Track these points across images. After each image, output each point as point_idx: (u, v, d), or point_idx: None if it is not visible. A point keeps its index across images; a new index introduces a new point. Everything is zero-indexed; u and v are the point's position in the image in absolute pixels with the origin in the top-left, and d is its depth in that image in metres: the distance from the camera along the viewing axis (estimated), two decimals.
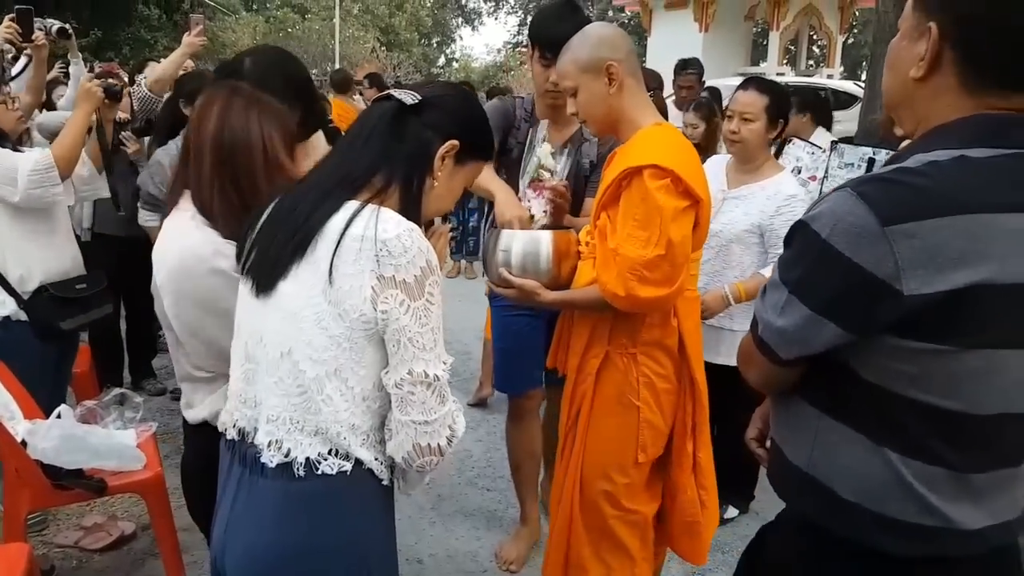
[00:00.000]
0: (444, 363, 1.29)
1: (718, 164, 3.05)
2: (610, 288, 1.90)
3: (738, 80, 7.53)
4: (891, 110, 1.23)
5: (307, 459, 1.27)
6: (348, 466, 1.29)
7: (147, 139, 3.82)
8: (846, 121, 8.81)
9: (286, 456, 1.28)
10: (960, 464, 1.11)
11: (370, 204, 1.28)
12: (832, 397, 1.18)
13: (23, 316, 2.69)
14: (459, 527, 3.14)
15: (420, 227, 1.31)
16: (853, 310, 1.08)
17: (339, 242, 1.23)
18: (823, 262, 1.08)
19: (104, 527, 2.91)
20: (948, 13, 1.07)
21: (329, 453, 1.29)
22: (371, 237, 1.22)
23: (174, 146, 3.01)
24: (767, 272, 2.69)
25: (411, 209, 1.34)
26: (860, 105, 7.85)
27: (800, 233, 1.13)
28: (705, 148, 4.07)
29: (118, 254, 3.82)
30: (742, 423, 1.55)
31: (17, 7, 3.43)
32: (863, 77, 14.99)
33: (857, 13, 17.22)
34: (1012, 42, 1.05)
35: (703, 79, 5.81)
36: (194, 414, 1.70)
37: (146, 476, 2.40)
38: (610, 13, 35.03)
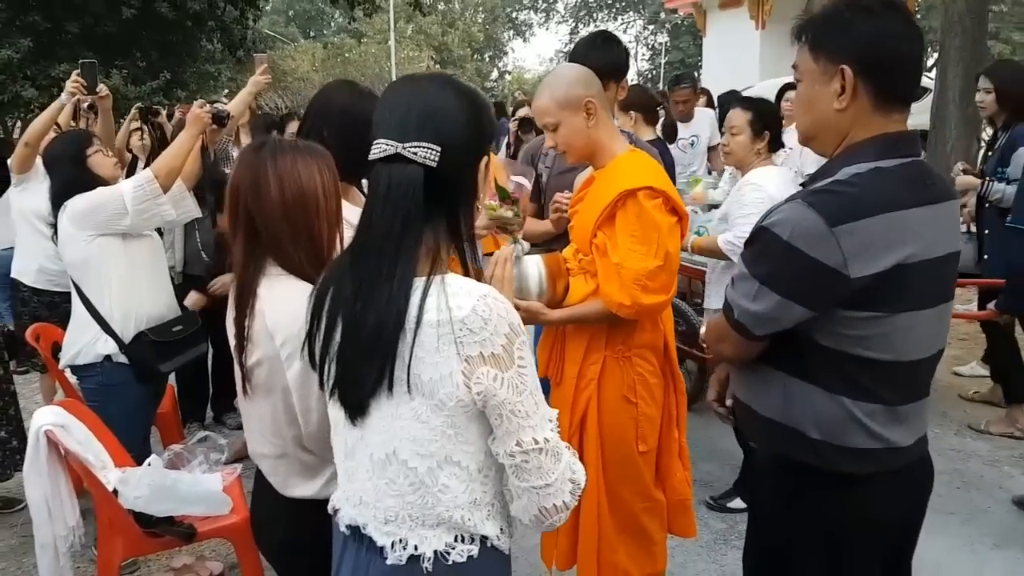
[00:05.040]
0: (550, 421, 1.24)
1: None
2: (616, 299, 2.08)
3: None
4: (810, 139, 1.55)
5: (435, 552, 1.24)
6: (475, 550, 1.26)
7: None
8: (918, 113, 8.47)
9: (415, 550, 1.24)
10: (893, 399, 1.46)
11: (434, 277, 1.20)
12: (796, 361, 1.48)
13: (123, 358, 2.80)
14: None
15: (479, 257, 1.27)
16: (814, 293, 1.40)
17: (416, 335, 1.16)
18: (787, 258, 1.38)
19: (193, 568, 2.97)
20: (853, 56, 1.40)
21: (456, 540, 1.25)
22: (447, 320, 1.15)
23: None
24: (720, 238, 3.18)
25: (472, 254, 1.30)
26: (931, 96, 7.53)
27: (763, 236, 1.43)
28: None
29: (207, 294, 3.91)
30: None
31: (82, 61, 3.55)
32: (929, 64, 14.45)
33: (920, 0, 16.64)
34: (903, 69, 1.43)
35: (698, 90, 5.92)
36: (292, 492, 1.64)
37: (233, 521, 2.43)
38: (662, 15, 34.70)
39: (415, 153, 1.18)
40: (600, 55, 2.57)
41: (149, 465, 2.35)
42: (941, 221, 1.45)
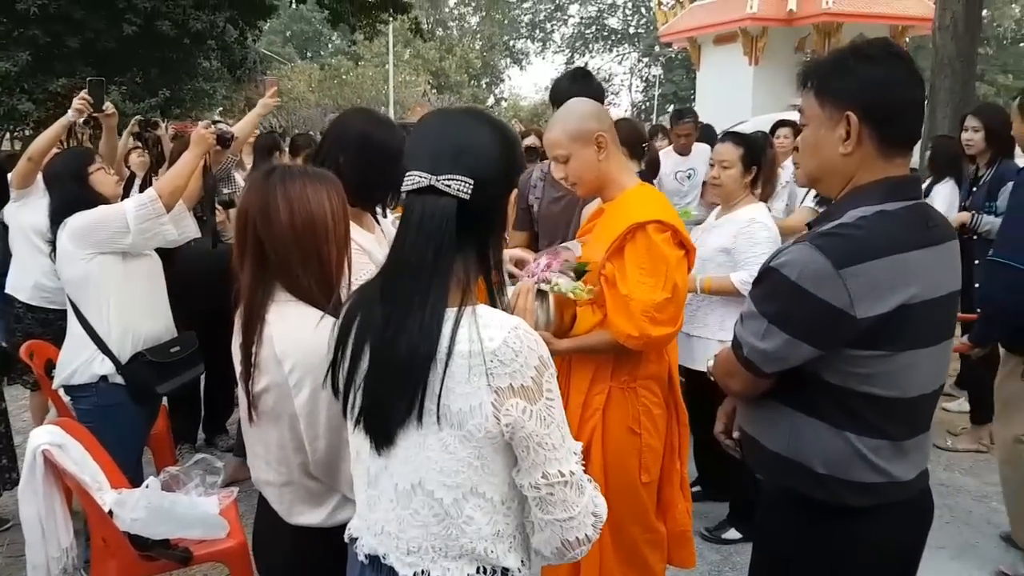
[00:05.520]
0: (575, 454, 1.25)
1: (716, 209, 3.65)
2: (624, 330, 2.11)
3: (789, 113, 7.55)
4: (816, 182, 1.61)
5: None
6: None
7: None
8: None
9: None
10: (897, 435, 1.50)
11: (464, 308, 1.21)
12: (803, 398, 1.52)
13: (119, 379, 2.78)
14: None
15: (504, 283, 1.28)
16: (821, 333, 1.44)
17: (447, 365, 1.17)
18: (795, 299, 1.43)
19: None
20: (859, 103, 1.45)
21: (478, 572, 1.26)
22: (478, 351, 1.17)
23: None
24: (734, 277, 3.21)
25: (499, 284, 1.32)
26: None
27: (772, 276, 1.48)
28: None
29: (200, 313, 3.89)
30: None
31: (89, 79, 3.59)
32: None
33: (908, 40, 16.94)
34: (906, 115, 1.47)
35: (698, 125, 6.17)
36: (297, 520, 1.63)
37: (230, 544, 2.41)
38: (657, 48, 35.13)
39: (449, 186, 1.20)
40: (580, 88, 2.68)
41: (147, 487, 2.33)
42: (943, 261, 1.50)
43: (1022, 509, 3.16)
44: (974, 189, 4.35)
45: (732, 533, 3.42)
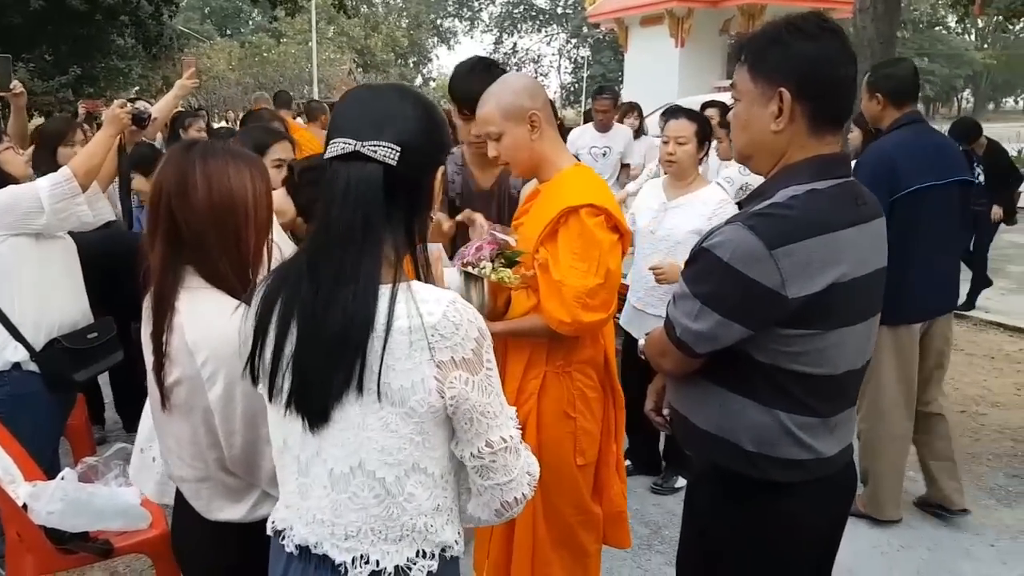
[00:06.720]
0: (512, 418, 1.27)
1: (655, 184, 3.63)
2: (556, 316, 2.07)
3: (715, 95, 7.69)
4: (746, 158, 1.59)
5: (396, 567, 1.23)
6: (435, 565, 1.26)
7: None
8: None
9: (376, 566, 1.23)
10: (825, 411, 1.52)
11: (399, 284, 1.18)
12: (733, 376, 1.53)
13: (34, 367, 2.66)
14: None
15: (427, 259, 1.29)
16: (752, 313, 1.43)
17: (386, 342, 1.14)
18: (727, 279, 1.42)
19: None
20: (793, 79, 1.43)
21: (417, 555, 1.24)
22: (419, 326, 1.15)
23: None
24: None
25: (426, 262, 1.30)
26: None
27: (705, 257, 1.47)
28: None
29: (107, 297, 3.74)
30: None
31: None
32: None
33: None
34: (838, 93, 1.47)
35: (618, 103, 6.42)
36: (217, 516, 1.56)
37: (152, 535, 2.33)
38: (585, 29, 35.30)
39: (374, 151, 1.17)
40: (484, 83, 2.34)
41: (62, 478, 2.24)
42: (870, 239, 1.51)
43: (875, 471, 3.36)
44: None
45: (680, 481, 3.57)
